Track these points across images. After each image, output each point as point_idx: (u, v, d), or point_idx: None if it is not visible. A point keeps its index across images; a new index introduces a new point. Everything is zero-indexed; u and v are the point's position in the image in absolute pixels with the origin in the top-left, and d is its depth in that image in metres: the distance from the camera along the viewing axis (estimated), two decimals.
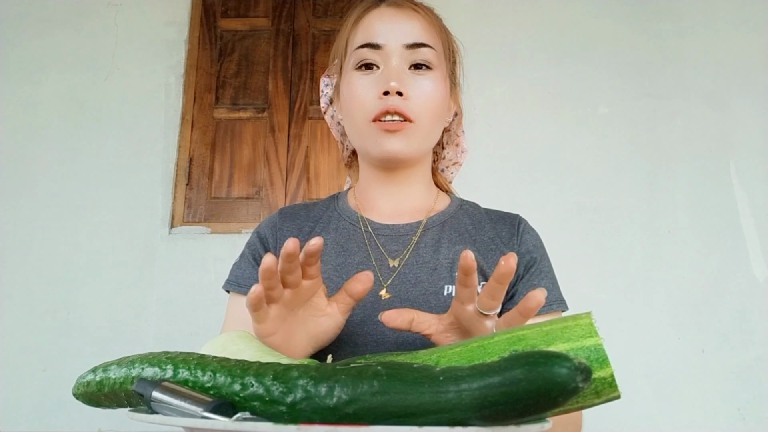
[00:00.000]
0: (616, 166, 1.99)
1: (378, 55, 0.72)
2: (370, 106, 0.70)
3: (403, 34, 0.72)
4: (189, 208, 2.03)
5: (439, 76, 0.73)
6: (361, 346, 0.67)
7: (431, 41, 0.73)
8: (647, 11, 2.12)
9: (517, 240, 0.76)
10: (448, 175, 0.90)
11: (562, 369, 0.34)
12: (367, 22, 0.74)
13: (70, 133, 2.10)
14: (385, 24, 0.73)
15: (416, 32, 0.72)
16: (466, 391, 0.35)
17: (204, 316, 1.87)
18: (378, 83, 0.71)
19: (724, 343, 1.82)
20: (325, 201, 0.85)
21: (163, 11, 2.19)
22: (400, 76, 0.70)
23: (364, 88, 0.72)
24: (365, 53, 0.72)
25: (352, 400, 0.36)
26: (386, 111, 0.69)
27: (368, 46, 0.72)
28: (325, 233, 0.78)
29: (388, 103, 0.69)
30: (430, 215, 0.78)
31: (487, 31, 2.11)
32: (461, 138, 0.87)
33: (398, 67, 0.71)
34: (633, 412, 1.78)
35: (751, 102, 2.02)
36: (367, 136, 0.72)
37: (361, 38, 0.73)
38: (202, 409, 0.39)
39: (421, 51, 0.72)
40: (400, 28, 0.72)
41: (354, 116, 0.73)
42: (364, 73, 0.73)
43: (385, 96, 0.69)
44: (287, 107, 2.11)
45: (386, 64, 0.71)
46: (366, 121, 0.71)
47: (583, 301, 1.94)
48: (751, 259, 1.88)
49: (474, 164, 1.97)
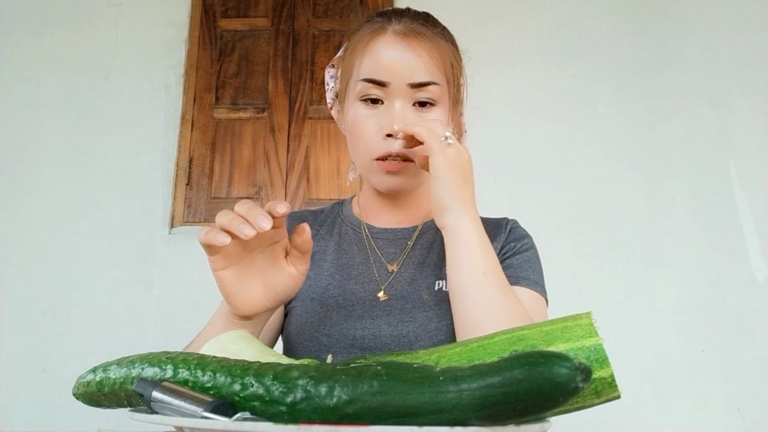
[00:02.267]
0: (616, 166, 1.99)
1: (382, 91, 0.73)
2: (373, 146, 0.73)
3: (408, 73, 0.72)
4: (189, 208, 2.04)
5: (442, 110, 0.75)
6: (359, 339, 0.71)
7: (436, 77, 0.73)
8: (647, 11, 2.12)
9: (504, 234, 0.79)
10: None
11: (562, 369, 0.34)
12: (374, 52, 0.74)
13: (70, 133, 2.10)
14: (391, 60, 0.72)
15: (421, 71, 0.72)
16: (466, 391, 0.35)
17: (204, 316, 1.85)
18: (382, 122, 0.72)
19: (724, 343, 1.82)
20: (331, 207, 0.89)
21: (163, 11, 2.19)
22: (404, 118, 0.72)
23: (367, 125, 0.73)
24: (370, 88, 0.73)
25: (352, 400, 0.36)
26: (389, 155, 0.72)
27: (373, 82, 0.73)
28: (328, 235, 0.83)
29: (392, 149, 0.71)
30: (426, 220, 0.82)
31: (487, 32, 2.11)
32: (463, 138, 0.88)
33: (402, 108, 0.72)
34: (633, 412, 1.78)
35: (751, 102, 2.02)
36: (370, 172, 0.75)
37: (367, 71, 0.74)
38: (202, 409, 0.39)
39: (426, 89, 0.73)
40: (406, 67, 0.72)
41: (357, 149, 0.76)
42: (368, 106, 0.74)
43: (388, 138, 0.72)
44: (287, 107, 2.11)
45: (390, 102, 0.73)
46: (369, 159, 0.74)
47: (583, 301, 1.95)
48: (751, 259, 1.88)
49: (474, 164, 1.97)
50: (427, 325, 0.70)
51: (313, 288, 0.77)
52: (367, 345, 0.70)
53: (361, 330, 0.71)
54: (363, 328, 0.71)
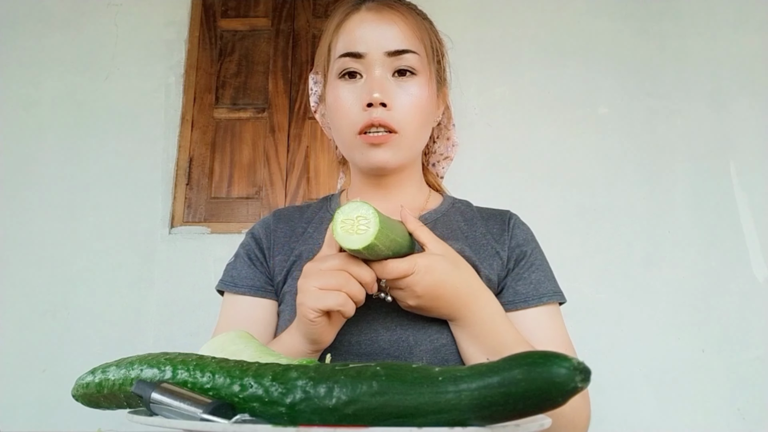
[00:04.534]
0: (616, 166, 1.99)
1: (360, 63, 0.71)
2: (355, 119, 0.70)
3: (384, 41, 0.71)
4: (189, 208, 2.03)
5: (423, 81, 0.73)
6: (355, 345, 0.67)
7: (414, 46, 0.72)
8: (647, 11, 2.12)
9: (508, 234, 0.76)
10: (439, 170, 0.89)
11: (561, 369, 0.34)
12: (348, 28, 0.73)
13: (70, 133, 2.10)
14: (366, 31, 0.71)
15: (398, 38, 0.71)
16: (465, 391, 0.35)
17: (204, 316, 1.87)
18: (361, 94, 0.70)
19: (724, 343, 1.82)
20: (319, 202, 0.85)
21: (163, 11, 2.19)
22: (383, 86, 0.70)
23: (348, 99, 0.71)
24: (347, 62, 0.72)
25: (352, 400, 0.36)
26: (371, 124, 0.69)
27: (350, 55, 0.71)
28: (317, 233, 0.78)
29: (373, 116, 0.69)
30: (422, 214, 0.78)
31: (487, 32, 2.10)
32: (452, 132, 0.86)
33: (381, 76, 0.70)
34: (633, 412, 1.78)
35: (751, 102, 2.01)
36: (354, 148, 0.73)
37: (343, 46, 0.72)
38: (201, 410, 0.39)
39: (404, 57, 0.71)
40: (381, 35, 0.71)
41: (340, 128, 0.73)
42: (347, 82, 0.72)
43: (369, 108, 0.69)
44: (287, 107, 2.11)
45: (369, 73, 0.71)
46: (352, 134, 0.71)
47: (583, 301, 1.95)
48: (751, 259, 1.88)
49: (474, 164, 1.97)
50: (428, 328, 0.66)
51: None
52: (363, 351, 0.66)
53: (356, 335, 0.67)
54: (359, 333, 0.67)
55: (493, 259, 0.74)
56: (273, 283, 0.76)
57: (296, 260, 0.75)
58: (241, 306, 0.75)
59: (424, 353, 0.66)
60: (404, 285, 0.61)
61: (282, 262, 0.76)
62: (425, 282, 0.60)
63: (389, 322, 0.67)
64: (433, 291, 0.61)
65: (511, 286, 0.72)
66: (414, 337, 0.66)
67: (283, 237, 0.79)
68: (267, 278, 0.76)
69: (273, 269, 0.76)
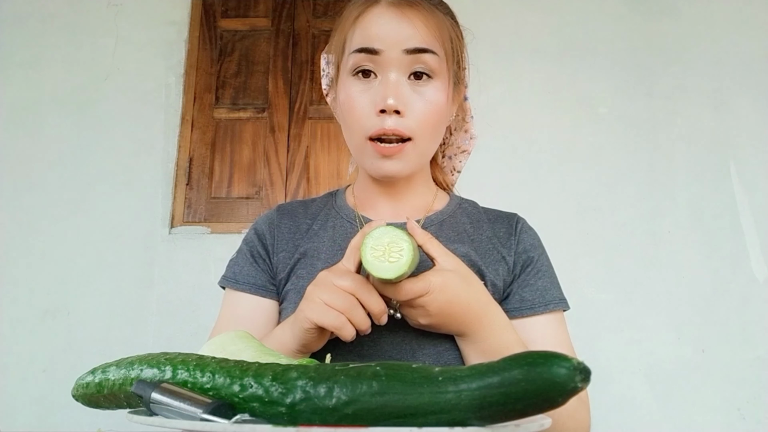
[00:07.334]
0: (616, 166, 1.99)
1: (375, 61, 0.68)
2: (366, 123, 0.67)
3: (402, 39, 0.67)
4: (189, 208, 2.03)
5: (440, 85, 0.69)
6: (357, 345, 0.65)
7: (433, 45, 0.68)
8: (647, 11, 2.12)
9: (515, 239, 0.75)
10: (456, 164, 0.86)
11: (561, 369, 0.34)
12: (366, 22, 0.69)
13: (70, 133, 2.10)
14: (384, 27, 0.67)
15: (417, 37, 0.67)
16: (465, 391, 0.35)
17: (204, 316, 1.87)
18: (375, 97, 0.67)
19: (724, 343, 1.82)
20: (323, 198, 0.83)
21: (163, 11, 2.19)
22: (398, 91, 0.66)
23: (360, 101, 0.68)
24: (362, 59, 0.68)
25: (352, 400, 0.36)
26: (383, 133, 0.67)
27: (365, 51, 0.67)
28: (322, 231, 0.76)
29: (386, 126, 0.66)
30: (429, 215, 0.76)
31: (487, 31, 2.10)
32: (470, 124, 0.83)
33: (396, 80, 0.67)
34: (633, 412, 1.78)
35: (751, 102, 2.01)
36: (364, 153, 0.70)
37: (359, 41, 0.69)
38: (201, 410, 0.39)
39: (422, 57, 0.67)
40: (400, 32, 0.67)
41: (351, 129, 0.71)
42: (361, 81, 0.69)
43: (382, 114, 0.66)
44: (287, 107, 2.11)
45: (384, 74, 0.67)
46: (362, 138, 0.68)
47: (583, 301, 1.95)
48: (751, 259, 1.88)
49: (474, 164, 1.97)
50: (431, 332, 0.65)
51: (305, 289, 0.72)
52: (365, 353, 0.65)
53: (358, 336, 0.63)
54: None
55: (498, 264, 0.72)
56: (275, 280, 0.75)
57: (300, 258, 0.74)
58: (241, 303, 0.75)
59: (426, 357, 0.65)
60: (417, 305, 0.59)
61: (286, 259, 0.74)
62: (439, 301, 0.59)
63: (392, 324, 0.66)
64: (446, 309, 0.60)
65: (517, 293, 0.71)
66: (417, 341, 0.66)
67: (287, 233, 0.77)
68: (269, 276, 0.75)
69: (276, 266, 0.75)
